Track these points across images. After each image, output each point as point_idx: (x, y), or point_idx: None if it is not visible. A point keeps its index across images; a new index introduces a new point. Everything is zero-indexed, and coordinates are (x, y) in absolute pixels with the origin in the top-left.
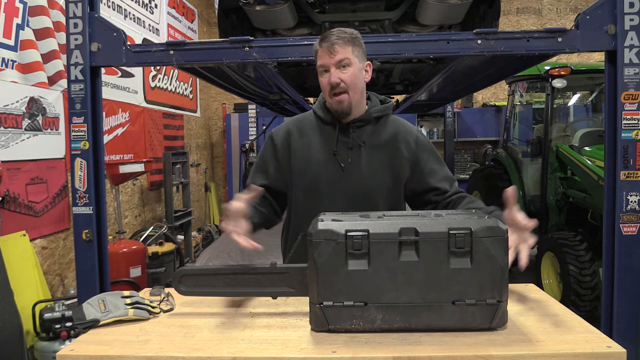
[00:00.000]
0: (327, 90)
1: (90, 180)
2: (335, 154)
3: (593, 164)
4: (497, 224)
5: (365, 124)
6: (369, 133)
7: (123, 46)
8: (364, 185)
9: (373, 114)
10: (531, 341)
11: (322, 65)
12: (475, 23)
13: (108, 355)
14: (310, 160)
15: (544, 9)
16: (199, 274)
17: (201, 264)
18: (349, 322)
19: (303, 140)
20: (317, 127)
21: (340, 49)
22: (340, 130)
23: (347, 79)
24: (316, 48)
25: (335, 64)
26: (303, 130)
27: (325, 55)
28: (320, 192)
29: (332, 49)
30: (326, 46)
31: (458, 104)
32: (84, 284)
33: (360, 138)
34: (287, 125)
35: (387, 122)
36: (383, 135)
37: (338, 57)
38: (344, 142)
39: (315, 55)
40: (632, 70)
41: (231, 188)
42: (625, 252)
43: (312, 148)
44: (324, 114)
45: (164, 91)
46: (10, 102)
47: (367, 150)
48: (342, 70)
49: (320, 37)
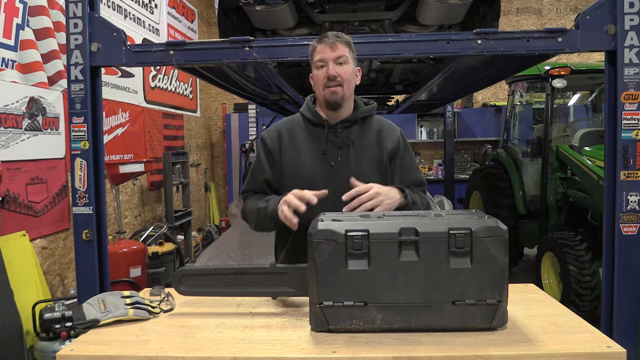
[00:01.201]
0: (323, 83)
1: (90, 180)
2: (325, 153)
3: (593, 164)
4: (497, 224)
5: (352, 124)
6: (356, 133)
7: (123, 46)
8: None
9: (360, 115)
10: (531, 341)
11: (320, 60)
12: (475, 23)
13: (108, 355)
14: (301, 160)
15: (544, 9)
16: (199, 274)
17: (201, 264)
18: (349, 322)
19: (293, 141)
20: (306, 128)
21: (340, 46)
22: (329, 131)
23: (343, 74)
24: (314, 46)
25: (334, 59)
26: (292, 132)
27: (326, 50)
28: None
29: (333, 45)
30: (327, 42)
31: (458, 104)
32: (84, 284)
33: (348, 138)
34: (277, 127)
35: (372, 122)
36: (369, 135)
37: (338, 53)
38: (333, 142)
39: (312, 53)
40: (632, 70)
41: (231, 188)
42: (625, 252)
43: (302, 149)
44: (313, 116)
45: (164, 91)
46: (10, 102)
47: (355, 149)
48: (340, 66)
49: (318, 37)
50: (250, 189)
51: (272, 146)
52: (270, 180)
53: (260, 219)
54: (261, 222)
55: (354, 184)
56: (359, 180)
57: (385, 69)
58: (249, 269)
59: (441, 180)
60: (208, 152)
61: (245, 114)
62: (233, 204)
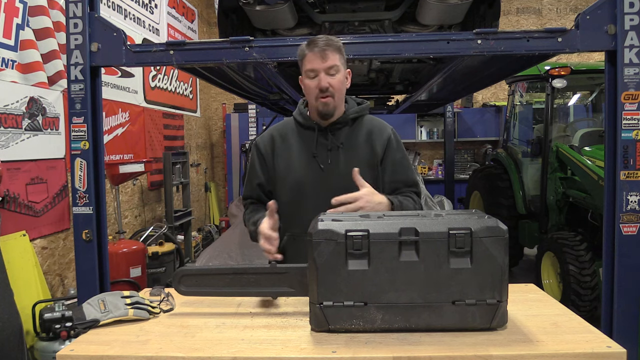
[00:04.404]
0: (315, 93)
1: (90, 180)
2: (315, 156)
3: (593, 164)
4: (497, 224)
5: (342, 126)
6: (346, 134)
7: (123, 46)
8: (344, 185)
9: (349, 116)
10: (531, 341)
11: (312, 70)
12: (475, 23)
13: (108, 355)
14: (292, 163)
15: (544, 9)
16: (199, 274)
17: (201, 264)
18: (349, 322)
19: (285, 145)
20: (297, 132)
21: (331, 55)
22: (320, 133)
23: (335, 84)
24: (304, 52)
25: (325, 70)
26: (284, 136)
27: (316, 60)
28: (303, 193)
29: (324, 55)
30: (318, 51)
31: (458, 104)
32: (84, 284)
33: (338, 139)
34: (270, 132)
35: (362, 122)
36: (359, 136)
37: (329, 63)
38: (323, 145)
39: (302, 59)
40: (632, 70)
41: (231, 188)
42: (625, 252)
43: (293, 152)
44: (303, 119)
45: (164, 91)
46: (10, 102)
47: (345, 151)
48: (331, 77)
49: (307, 42)
50: (248, 194)
51: (265, 151)
52: (263, 185)
53: (252, 238)
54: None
55: (355, 176)
56: (350, 182)
57: (385, 69)
58: (249, 269)
59: (441, 180)
60: (208, 152)
61: (245, 114)
62: (233, 204)
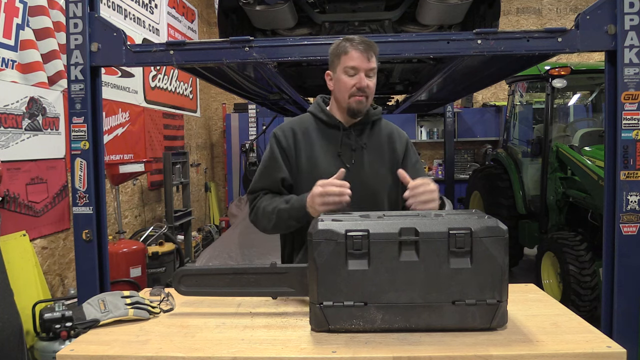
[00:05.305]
0: (351, 90)
1: (90, 180)
2: (340, 155)
3: (593, 164)
4: (497, 224)
5: (365, 127)
6: (368, 135)
7: (123, 46)
8: (368, 185)
9: (372, 118)
10: (531, 341)
11: (354, 68)
12: (475, 23)
13: (108, 355)
14: (316, 161)
15: (544, 9)
16: (199, 274)
17: (201, 264)
18: (349, 322)
19: (307, 141)
20: (319, 129)
21: (374, 57)
22: (343, 133)
23: (371, 87)
24: (346, 48)
25: (367, 70)
26: (305, 131)
27: (361, 59)
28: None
29: (369, 56)
30: (364, 50)
31: (458, 104)
32: (84, 284)
33: (362, 140)
34: (290, 125)
35: (381, 124)
36: (381, 137)
37: (372, 65)
38: (347, 144)
39: (343, 55)
40: (632, 70)
41: (231, 188)
42: (625, 252)
43: (316, 150)
44: (327, 117)
45: (164, 91)
46: (10, 102)
47: (368, 152)
48: (369, 79)
49: (349, 37)
50: (264, 187)
51: (287, 145)
52: (286, 179)
53: (282, 221)
54: (283, 223)
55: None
56: (374, 183)
57: (385, 69)
58: (249, 269)
59: (441, 180)
60: (208, 152)
61: (245, 114)
62: (233, 204)
